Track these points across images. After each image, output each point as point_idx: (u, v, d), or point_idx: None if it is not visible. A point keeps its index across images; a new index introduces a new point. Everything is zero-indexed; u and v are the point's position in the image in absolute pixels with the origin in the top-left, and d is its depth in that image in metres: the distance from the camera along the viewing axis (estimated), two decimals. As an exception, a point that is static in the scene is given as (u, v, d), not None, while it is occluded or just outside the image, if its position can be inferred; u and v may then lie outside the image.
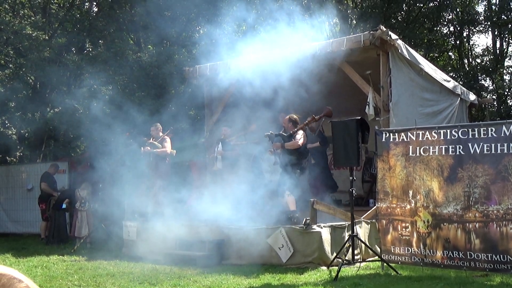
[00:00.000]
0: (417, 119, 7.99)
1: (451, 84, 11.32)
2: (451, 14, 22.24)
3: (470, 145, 6.43)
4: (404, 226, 6.96)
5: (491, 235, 6.22)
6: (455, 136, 6.57)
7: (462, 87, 12.32)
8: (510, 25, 20.41)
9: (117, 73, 15.51)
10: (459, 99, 11.47)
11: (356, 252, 7.47)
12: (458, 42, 22.81)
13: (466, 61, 22.97)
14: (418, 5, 21.12)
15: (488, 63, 21.56)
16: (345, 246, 7.19)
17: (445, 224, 6.58)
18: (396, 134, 7.10)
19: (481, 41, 49.54)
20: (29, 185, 14.19)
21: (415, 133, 6.91)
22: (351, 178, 7.23)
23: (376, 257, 7.50)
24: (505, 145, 6.19)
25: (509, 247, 6.10)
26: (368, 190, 11.27)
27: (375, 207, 7.88)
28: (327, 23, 17.32)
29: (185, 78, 12.09)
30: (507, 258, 6.10)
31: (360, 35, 9.32)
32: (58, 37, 16.75)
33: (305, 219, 7.69)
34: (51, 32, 16.68)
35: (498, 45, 22.05)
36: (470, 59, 23.18)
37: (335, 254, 7.28)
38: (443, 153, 6.64)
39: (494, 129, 6.32)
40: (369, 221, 8.23)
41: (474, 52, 23.56)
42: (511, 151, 6.15)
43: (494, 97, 20.57)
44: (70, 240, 11.56)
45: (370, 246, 7.74)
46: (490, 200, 6.26)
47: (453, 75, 18.97)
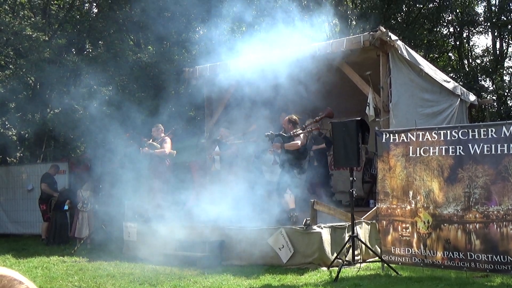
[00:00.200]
0: (417, 119, 8.00)
1: (451, 84, 11.33)
2: (451, 15, 22.26)
3: (470, 145, 6.43)
4: (404, 226, 6.96)
5: (492, 235, 6.22)
6: (455, 136, 6.57)
7: (462, 87, 12.33)
8: (510, 26, 20.43)
9: (117, 74, 15.51)
10: (459, 99, 11.48)
11: (356, 252, 7.45)
12: (458, 43, 22.82)
13: (466, 61, 22.99)
14: (418, 5, 21.13)
15: (488, 63, 21.57)
16: (346, 247, 7.20)
17: (445, 224, 6.58)
18: (396, 134, 7.10)
19: (481, 41, 49.62)
20: (29, 186, 14.19)
21: (415, 133, 6.91)
22: (351, 178, 7.22)
23: (377, 258, 7.51)
24: (505, 145, 6.19)
25: (509, 248, 6.10)
26: (368, 191, 11.27)
27: (375, 207, 7.88)
28: (326, 23, 17.31)
29: (185, 79, 12.09)
30: (508, 259, 6.10)
31: (360, 36, 9.32)
32: (58, 38, 16.74)
33: (305, 219, 7.69)
34: (51, 33, 16.68)
35: (498, 45, 22.07)
36: (470, 59, 23.21)
37: (335, 254, 7.28)
38: (443, 153, 6.64)
39: (494, 130, 6.32)
40: (369, 221, 8.22)
41: (474, 52, 23.59)
42: (511, 152, 6.15)
43: (494, 97, 20.57)
44: (71, 241, 11.55)
45: (371, 247, 7.74)
46: (491, 201, 6.25)
47: (453, 76, 18.99)
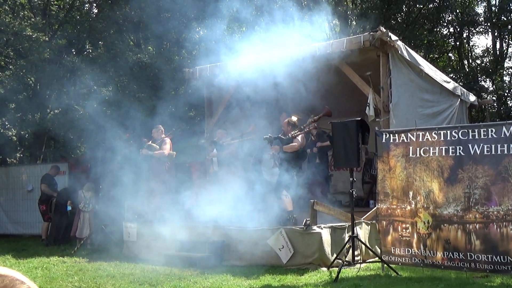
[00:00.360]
0: (417, 120, 8.00)
1: (451, 85, 11.33)
2: (451, 15, 22.26)
3: (470, 146, 6.43)
4: (404, 227, 6.96)
5: (491, 236, 6.22)
6: (455, 137, 6.57)
7: (462, 88, 12.33)
8: (510, 26, 20.43)
9: (117, 74, 15.51)
10: (459, 100, 11.48)
11: (356, 253, 7.45)
12: (458, 43, 22.83)
13: (466, 62, 23.00)
14: (418, 6, 21.13)
15: (488, 64, 21.58)
16: (346, 247, 7.20)
17: (445, 225, 6.58)
18: (396, 135, 7.10)
19: (481, 42, 49.61)
20: (29, 186, 14.18)
21: (415, 134, 6.91)
22: (351, 179, 7.22)
23: (376, 258, 7.50)
24: (505, 146, 6.19)
25: (509, 248, 6.09)
26: (368, 191, 11.27)
27: (375, 208, 7.88)
28: (326, 24, 17.32)
29: (184, 79, 12.09)
30: (508, 259, 6.10)
31: (360, 36, 9.31)
32: (58, 38, 16.76)
33: (305, 220, 7.69)
34: (51, 33, 16.68)
35: (498, 46, 22.07)
36: (470, 60, 23.21)
37: (335, 255, 7.28)
38: (443, 154, 6.63)
39: (494, 130, 6.32)
40: (369, 222, 8.22)
41: (474, 53, 23.60)
42: (511, 152, 6.15)
43: (494, 98, 20.57)
44: (71, 241, 11.55)
45: (370, 247, 7.74)
46: (490, 201, 6.25)
47: (453, 76, 19.00)
